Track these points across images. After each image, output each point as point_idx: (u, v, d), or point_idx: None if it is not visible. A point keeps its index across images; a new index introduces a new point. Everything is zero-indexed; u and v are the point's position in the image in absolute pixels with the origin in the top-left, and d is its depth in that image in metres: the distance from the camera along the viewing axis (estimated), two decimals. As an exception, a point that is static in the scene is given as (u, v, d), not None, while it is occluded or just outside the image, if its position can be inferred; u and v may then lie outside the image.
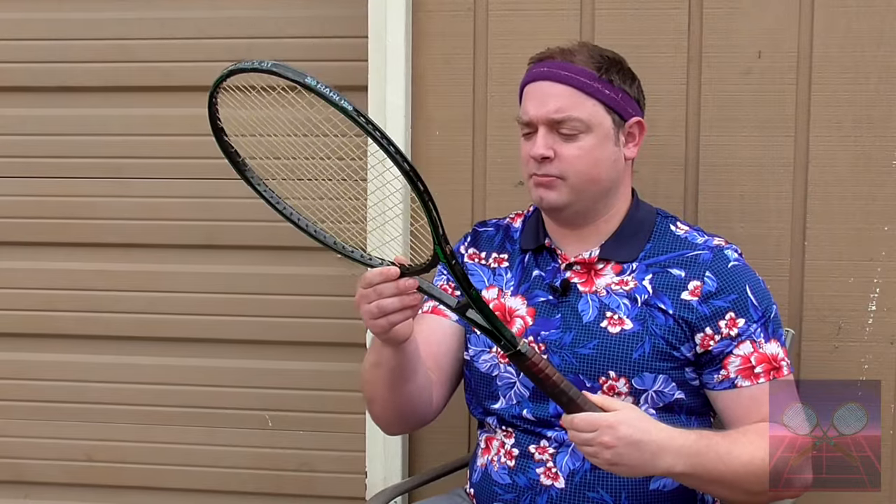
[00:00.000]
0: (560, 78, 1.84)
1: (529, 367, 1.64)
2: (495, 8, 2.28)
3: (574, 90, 1.83)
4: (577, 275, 1.89)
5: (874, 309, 2.19)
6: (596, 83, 1.84)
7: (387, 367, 1.80)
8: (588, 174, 1.84)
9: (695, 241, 1.89)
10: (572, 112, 1.82)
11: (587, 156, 1.84)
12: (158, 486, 2.63)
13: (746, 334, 1.81)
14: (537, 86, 1.86)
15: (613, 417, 1.62)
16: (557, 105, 1.83)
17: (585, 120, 1.83)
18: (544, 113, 1.83)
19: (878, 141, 2.17)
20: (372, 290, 1.65)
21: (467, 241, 2.04)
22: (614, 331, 1.83)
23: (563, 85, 1.84)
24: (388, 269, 1.64)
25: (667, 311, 1.82)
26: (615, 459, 1.62)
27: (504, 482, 1.88)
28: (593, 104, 1.84)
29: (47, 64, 2.56)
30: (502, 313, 1.91)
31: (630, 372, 1.81)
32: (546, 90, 1.85)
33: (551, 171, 1.84)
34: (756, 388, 1.80)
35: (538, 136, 1.84)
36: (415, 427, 1.99)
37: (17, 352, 2.65)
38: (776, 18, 2.19)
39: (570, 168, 1.83)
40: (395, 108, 2.30)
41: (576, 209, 1.87)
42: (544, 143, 1.83)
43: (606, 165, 1.86)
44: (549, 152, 1.83)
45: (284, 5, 2.48)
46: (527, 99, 1.88)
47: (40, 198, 2.59)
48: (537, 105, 1.85)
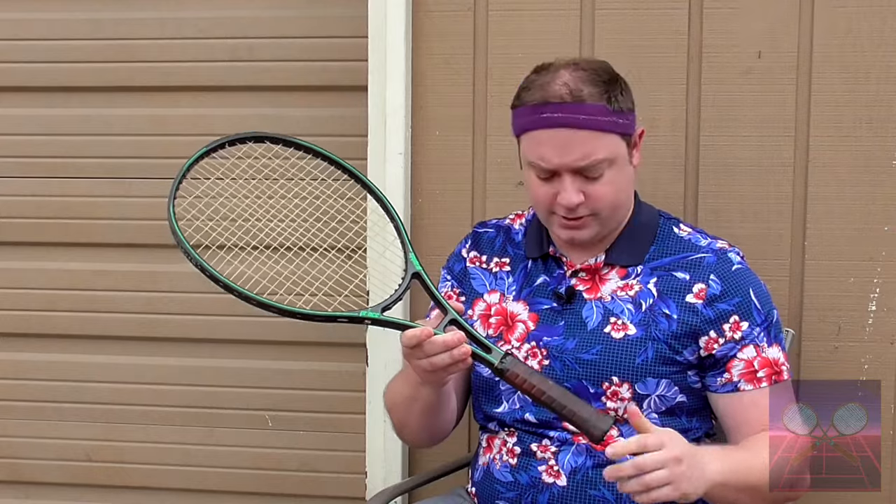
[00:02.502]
0: (578, 123, 1.77)
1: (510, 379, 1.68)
2: (495, 8, 2.28)
3: (594, 133, 1.78)
4: (582, 282, 1.89)
5: (874, 309, 2.19)
6: (610, 117, 1.80)
7: (425, 402, 1.84)
8: (615, 203, 1.83)
9: (698, 243, 1.88)
10: (597, 155, 1.78)
11: (613, 188, 1.82)
12: (158, 486, 2.63)
13: (750, 338, 1.81)
14: (553, 133, 1.79)
15: (676, 448, 1.56)
16: (583, 152, 1.78)
17: (608, 157, 1.80)
18: (570, 161, 1.78)
19: (878, 141, 2.17)
20: (419, 350, 1.69)
21: (468, 244, 2.03)
22: (618, 336, 1.82)
23: (582, 130, 1.78)
24: (423, 331, 1.67)
25: (671, 316, 1.82)
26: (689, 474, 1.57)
27: (506, 480, 1.88)
28: (610, 138, 1.80)
29: (47, 64, 2.56)
30: (504, 317, 1.91)
31: (633, 377, 1.81)
32: (566, 139, 1.78)
33: (583, 212, 1.81)
34: (758, 392, 1.80)
35: (565, 183, 1.79)
36: (440, 441, 2.01)
37: (17, 352, 2.65)
38: (776, 18, 2.19)
39: (600, 204, 1.81)
40: (395, 108, 2.30)
41: (601, 234, 1.87)
42: (574, 189, 1.79)
43: (626, 186, 1.86)
44: (581, 197, 1.80)
45: (284, 5, 2.48)
46: (539, 146, 1.80)
47: (40, 198, 2.59)
48: (560, 153, 1.78)
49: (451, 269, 2.02)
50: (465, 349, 1.67)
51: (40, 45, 2.56)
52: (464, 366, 1.71)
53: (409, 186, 2.33)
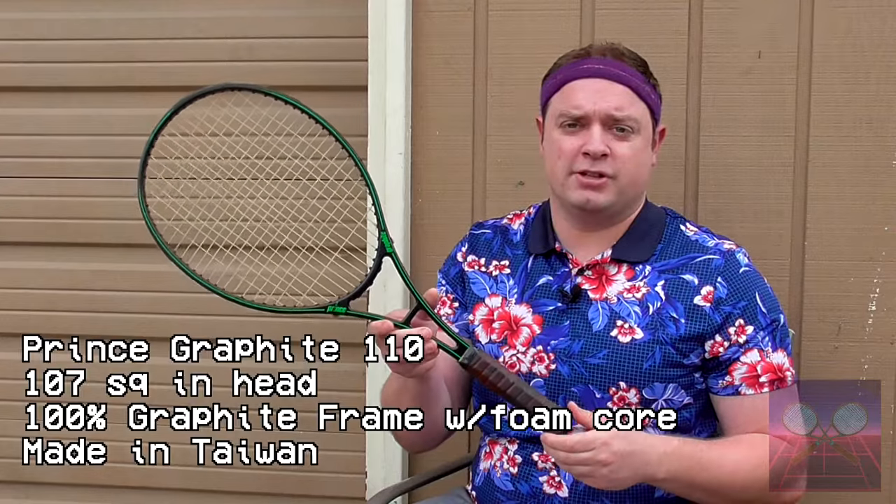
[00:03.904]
0: (619, 77, 1.80)
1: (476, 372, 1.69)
2: (495, 8, 2.28)
3: (630, 90, 1.80)
4: (588, 281, 1.86)
5: (874, 309, 2.19)
6: (646, 86, 1.82)
7: (411, 393, 1.81)
8: (634, 176, 1.82)
9: (706, 244, 1.87)
10: (630, 111, 1.79)
11: (637, 157, 1.81)
12: (158, 486, 2.63)
13: (754, 342, 1.80)
14: (591, 82, 1.80)
15: (607, 434, 1.63)
16: (619, 102, 1.79)
17: (639, 120, 1.80)
18: (604, 108, 1.78)
19: (878, 141, 2.17)
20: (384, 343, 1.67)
21: (465, 247, 2.01)
22: (625, 340, 1.81)
23: (620, 84, 1.80)
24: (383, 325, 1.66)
25: (678, 320, 1.80)
26: (611, 476, 1.63)
27: (507, 489, 1.87)
28: (644, 107, 1.82)
29: (47, 64, 2.56)
30: (508, 322, 1.89)
31: (641, 382, 1.80)
32: (604, 87, 1.79)
33: (605, 169, 1.79)
34: (759, 397, 1.80)
35: (593, 131, 1.79)
36: (435, 445, 1.99)
37: (18, 352, 2.64)
38: (776, 18, 2.19)
39: (623, 167, 1.79)
40: (395, 108, 2.30)
41: (613, 210, 1.84)
42: (601, 139, 1.79)
43: (646, 170, 1.86)
44: (607, 149, 1.78)
45: (284, 5, 2.48)
46: (575, 93, 1.81)
47: (40, 198, 2.59)
48: (595, 100, 1.79)
49: (446, 273, 2.01)
50: (430, 345, 1.66)
51: (40, 45, 2.56)
52: (431, 359, 1.68)
53: (409, 186, 2.32)
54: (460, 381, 1.96)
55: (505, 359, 1.86)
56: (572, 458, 1.63)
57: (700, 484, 1.71)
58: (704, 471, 1.71)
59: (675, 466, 1.68)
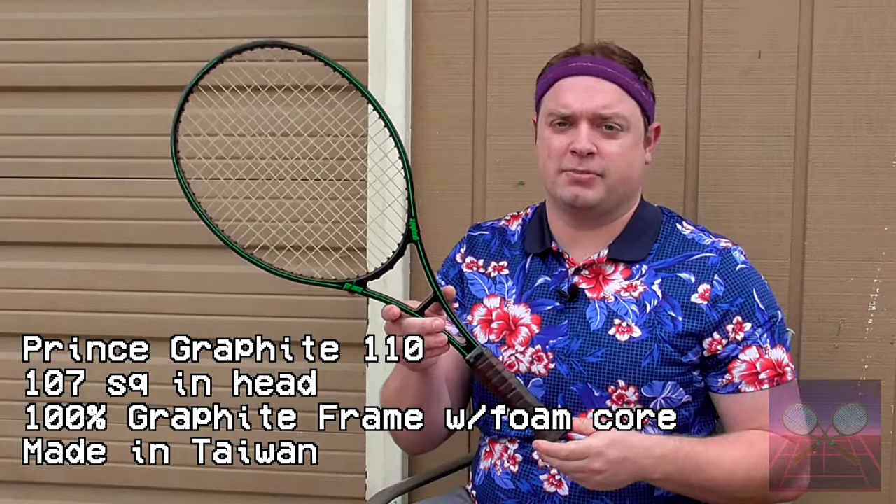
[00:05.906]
0: (606, 75, 1.82)
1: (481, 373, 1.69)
2: (495, 8, 2.28)
3: (619, 88, 1.82)
4: (585, 280, 1.87)
5: (874, 309, 2.19)
6: (636, 84, 1.83)
7: (412, 391, 1.81)
8: (624, 173, 1.83)
9: (702, 242, 1.88)
10: (618, 109, 1.81)
11: (626, 154, 1.82)
12: (158, 486, 2.62)
13: (752, 339, 1.81)
14: (580, 80, 1.82)
15: (601, 442, 1.64)
16: (606, 101, 1.80)
17: (628, 118, 1.81)
18: (592, 107, 1.80)
19: (878, 141, 2.17)
20: (397, 327, 1.68)
21: (463, 248, 2.02)
22: (623, 338, 1.82)
23: (608, 82, 1.81)
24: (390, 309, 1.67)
25: (676, 318, 1.81)
26: (605, 481, 1.66)
27: (507, 487, 1.87)
28: (633, 105, 1.83)
29: (47, 64, 2.56)
30: (506, 322, 1.90)
31: (639, 380, 1.80)
32: (591, 85, 1.81)
33: (593, 167, 1.80)
34: (759, 394, 1.80)
35: (580, 130, 1.81)
36: (434, 447, 1.99)
37: (18, 352, 2.64)
38: (776, 18, 2.19)
39: (611, 165, 1.81)
40: (395, 108, 2.30)
41: (604, 208, 1.85)
42: (588, 138, 1.80)
43: (638, 167, 1.86)
44: (594, 147, 1.80)
45: (284, 5, 2.48)
46: (563, 92, 1.83)
47: (40, 198, 2.59)
48: (583, 99, 1.81)
49: (445, 274, 2.01)
50: (440, 338, 1.67)
51: (40, 45, 2.56)
52: (440, 352, 1.69)
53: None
54: (461, 383, 1.96)
55: (504, 359, 1.86)
56: (566, 466, 1.65)
57: (697, 484, 1.72)
58: (701, 471, 1.71)
59: (670, 469, 1.69)
